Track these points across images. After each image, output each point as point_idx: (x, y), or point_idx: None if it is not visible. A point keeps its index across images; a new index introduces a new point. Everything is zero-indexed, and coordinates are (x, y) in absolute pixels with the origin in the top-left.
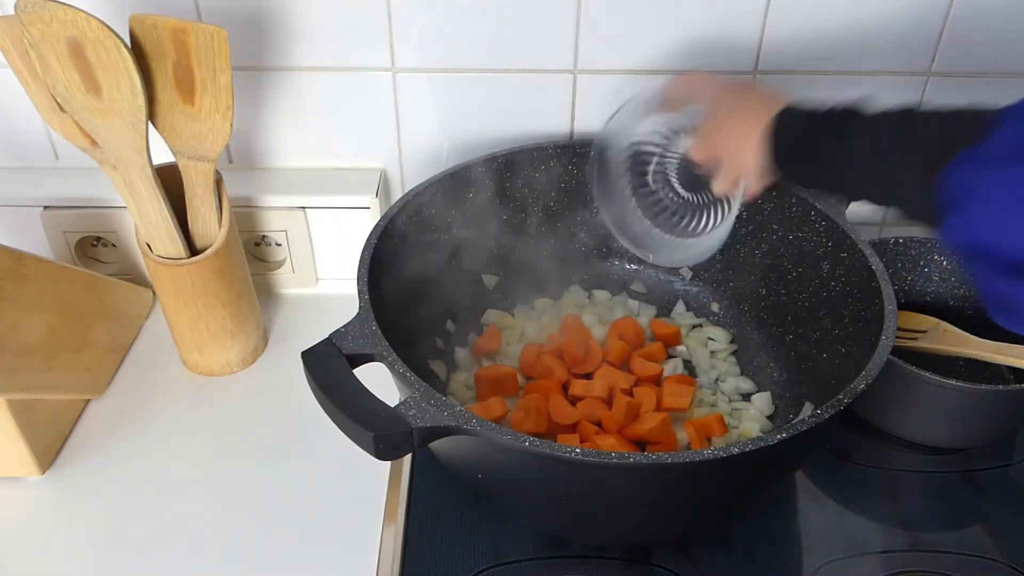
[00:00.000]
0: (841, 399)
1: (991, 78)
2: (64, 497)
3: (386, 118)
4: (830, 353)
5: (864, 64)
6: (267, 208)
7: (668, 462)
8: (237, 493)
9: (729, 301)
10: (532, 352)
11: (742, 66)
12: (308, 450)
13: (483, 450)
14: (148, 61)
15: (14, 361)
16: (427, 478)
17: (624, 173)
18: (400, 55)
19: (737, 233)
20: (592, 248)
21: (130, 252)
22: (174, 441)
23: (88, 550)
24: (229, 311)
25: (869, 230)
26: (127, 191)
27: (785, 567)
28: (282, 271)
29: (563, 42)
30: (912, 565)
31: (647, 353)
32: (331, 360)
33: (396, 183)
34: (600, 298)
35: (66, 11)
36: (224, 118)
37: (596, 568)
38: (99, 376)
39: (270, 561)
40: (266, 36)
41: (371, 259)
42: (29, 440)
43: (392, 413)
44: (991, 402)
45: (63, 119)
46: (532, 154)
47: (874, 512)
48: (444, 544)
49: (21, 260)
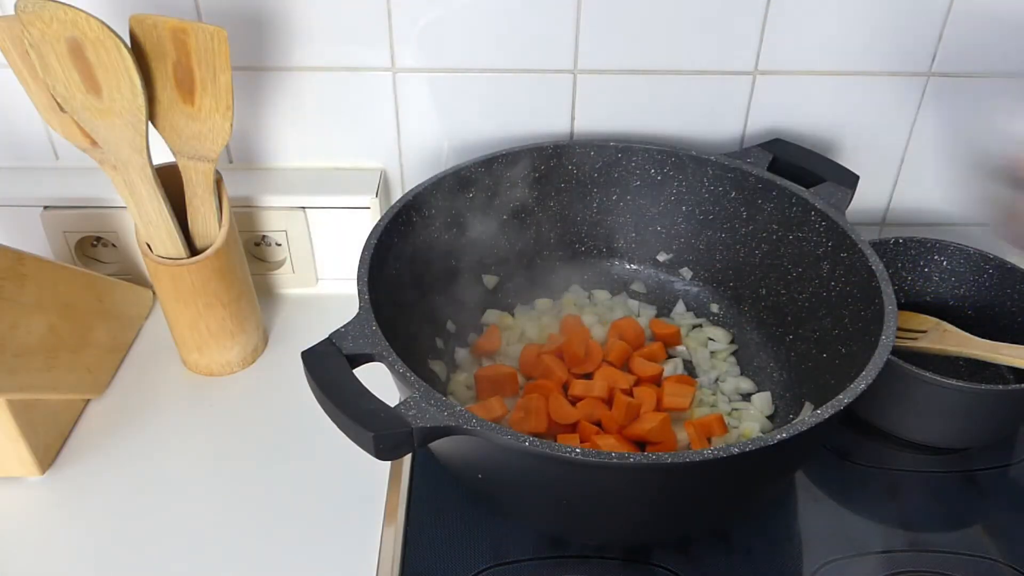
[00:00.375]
0: (841, 399)
1: (991, 78)
2: (64, 497)
3: (386, 118)
4: (830, 353)
5: (864, 64)
6: (267, 208)
7: (668, 462)
8: (237, 493)
9: (729, 301)
10: (532, 352)
11: (742, 66)
12: (308, 450)
13: (483, 450)
14: (148, 61)
15: (14, 361)
16: (427, 478)
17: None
18: (400, 55)
19: (737, 233)
20: (592, 248)
21: (130, 252)
22: (174, 441)
23: (88, 550)
24: (229, 311)
25: (869, 230)
26: (127, 191)
27: (785, 567)
28: (282, 271)
29: (563, 42)
30: (912, 565)
31: (647, 353)
32: (331, 360)
33: (396, 183)
34: (600, 298)
35: (66, 11)
36: (224, 118)
37: (596, 568)
38: (99, 376)
39: (270, 561)
40: (266, 36)
41: (371, 259)
42: (29, 440)
43: (392, 413)
44: (991, 402)
45: (63, 119)
46: (532, 154)
47: (874, 512)
48: (444, 544)
49: (21, 260)
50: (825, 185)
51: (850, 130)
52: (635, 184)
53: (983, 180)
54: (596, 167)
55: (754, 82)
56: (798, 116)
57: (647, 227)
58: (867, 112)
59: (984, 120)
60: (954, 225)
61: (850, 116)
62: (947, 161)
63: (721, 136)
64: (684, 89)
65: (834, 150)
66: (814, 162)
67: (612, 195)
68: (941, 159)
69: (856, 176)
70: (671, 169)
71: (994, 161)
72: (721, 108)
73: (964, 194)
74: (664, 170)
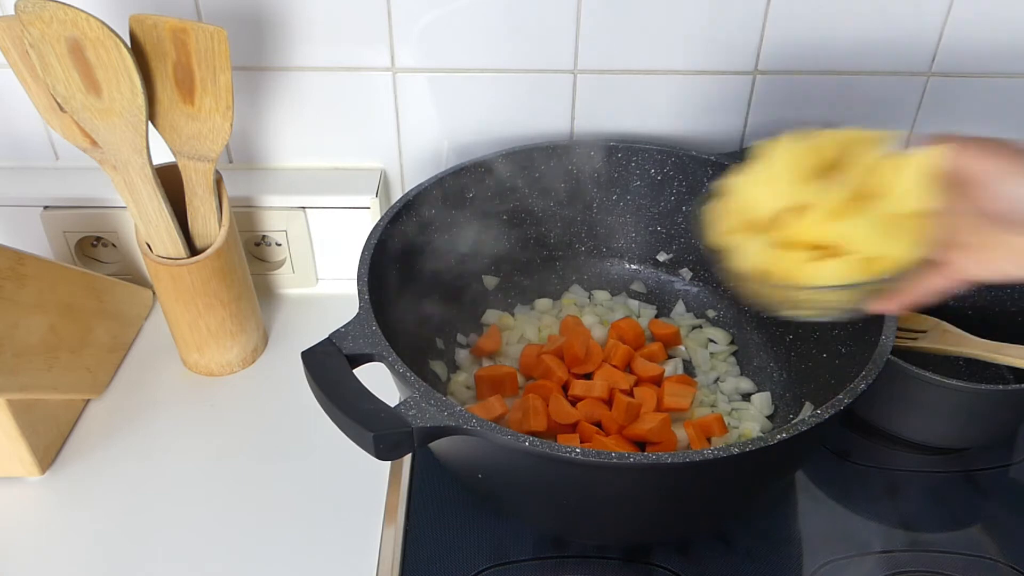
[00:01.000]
0: (841, 399)
1: (991, 78)
2: (64, 497)
3: (386, 118)
4: (830, 353)
5: (864, 64)
6: (267, 208)
7: (668, 462)
8: (237, 493)
9: (729, 301)
10: (532, 352)
11: (742, 66)
12: (308, 450)
13: (483, 450)
14: (148, 61)
15: (14, 361)
16: (427, 478)
17: None
18: (400, 55)
19: None
20: (592, 248)
21: (130, 252)
22: (174, 441)
23: (88, 550)
24: (229, 311)
25: None
26: (127, 191)
27: (785, 567)
28: (282, 271)
29: (563, 42)
30: (912, 565)
31: (647, 353)
32: (331, 360)
33: (396, 183)
34: (600, 298)
35: (66, 11)
36: (224, 118)
37: (596, 568)
38: (99, 376)
39: (270, 561)
40: (266, 36)
41: (371, 259)
42: (29, 440)
43: (392, 413)
44: (991, 402)
45: (63, 119)
46: (532, 154)
47: (874, 512)
48: (444, 544)
49: (21, 260)
50: None
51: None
52: (635, 184)
53: None
54: (596, 167)
55: (754, 82)
56: (798, 116)
57: (647, 227)
58: (867, 111)
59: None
60: None
61: (850, 116)
62: None
63: (721, 136)
64: (684, 89)
65: None
66: None
67: (612, 195)
68: None
69: None
70: (671, 169)
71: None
72: (721, 108)
73: None
74: (664, 170)
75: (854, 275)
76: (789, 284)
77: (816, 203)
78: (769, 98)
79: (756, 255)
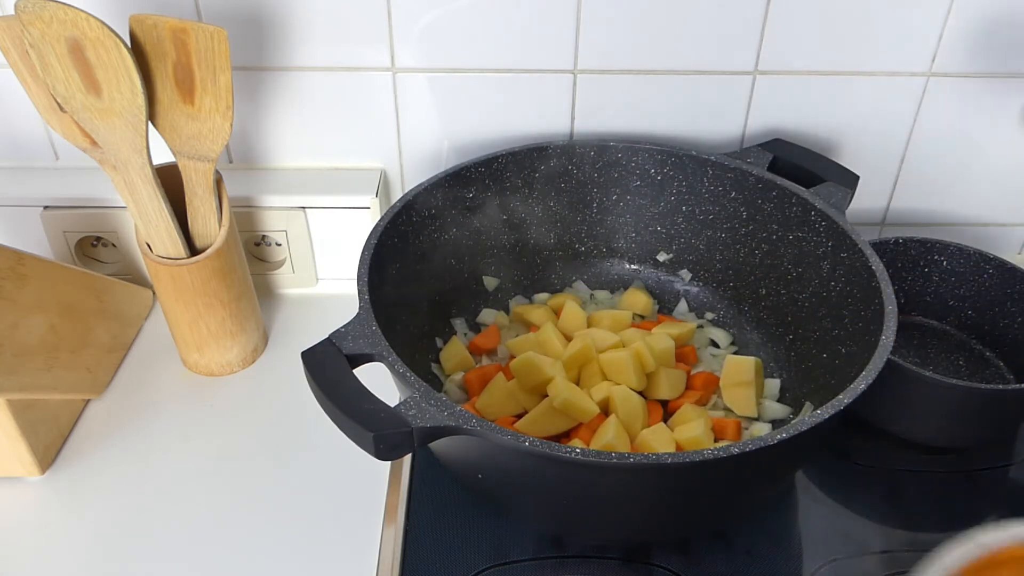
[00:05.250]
0: (841, 399)
1: (991, 78)
2: (64, 497)
3: (386, 118)
4: (830, 353)
5: (864, 64)
6: (267, 208)
7: (668, 462)
8: (237, 493)
9: (729, 301)
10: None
11: (742, 66)
12: (308, 450)
13: (483, 450)
14: (148, 61)
15: (14, 361)
16: (427, 478)
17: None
18: (400, 55)
19: (737, 233)
20: (592, 248)
21: (130, 252)
22: (174, 441)
23: (88, 550)
24: (229, 311)
25: (869, 230)
26: (127, 191)
27: (785, 567)
28: (282, 271)
29: (563, 42)
30: (912, 565)
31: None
32: (331, 360)
33: (396, 183)
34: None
35: (66, 11)
36: (224, 118)
37: (596, 568)
38: (99, 376)
39: (270, 561)
40: (266, 36)
41: (371, 259)
42: (29, 440)
43: (392, 413)
44: (991, 402)
45: (63, 119)
46: (532, 154)
47: (874, 512)
48: (444, 544)
49: (21, 260)
50: (825, 185)
51: (850, 130)
52: (635, 184)
53: None
54: (596, 167)
55: (754, 82)
56: (798, 116)
57: (647, 227)
58: (867, 112)
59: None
60: (954, 225)
61: (850, 116)
62: (947, 161)
63: (721, 136)
64: (684, 89)
65: (834, 150)
66: (814, 162)
67: (612, 195)
68: (941, 159)
69: (856, 176)
70: (671, 169)
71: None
72: (721, 108)
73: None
74: (664, 170)
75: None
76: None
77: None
78: (769, 98)
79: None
